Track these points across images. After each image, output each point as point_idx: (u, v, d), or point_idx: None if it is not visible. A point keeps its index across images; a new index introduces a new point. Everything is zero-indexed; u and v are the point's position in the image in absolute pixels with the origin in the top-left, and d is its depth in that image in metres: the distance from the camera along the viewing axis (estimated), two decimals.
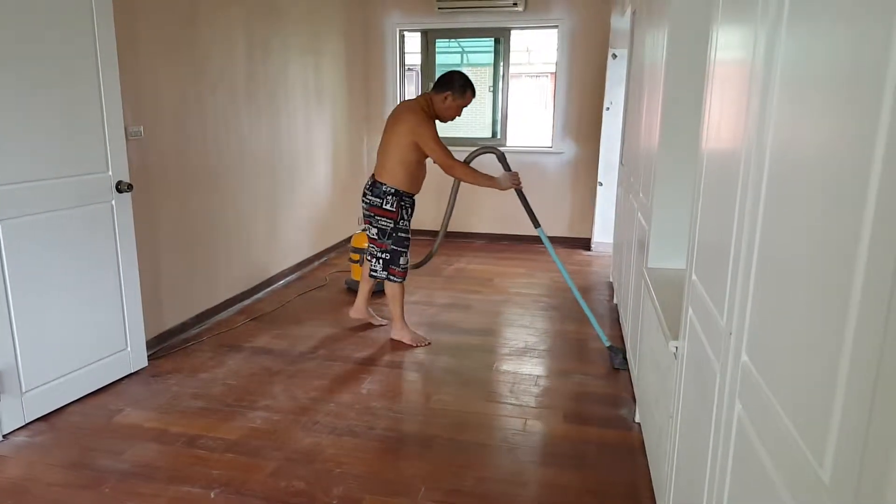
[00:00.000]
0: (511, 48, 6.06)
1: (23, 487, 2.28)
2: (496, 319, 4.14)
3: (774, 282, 1.00)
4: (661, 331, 1.99)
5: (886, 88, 0.65)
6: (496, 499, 2.25)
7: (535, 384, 3.16)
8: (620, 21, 5.18)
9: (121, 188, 2.99)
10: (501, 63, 6.10)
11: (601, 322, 3.85)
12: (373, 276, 3.66)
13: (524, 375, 3.26)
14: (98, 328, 2.98)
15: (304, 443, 2.59)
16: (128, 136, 3.08)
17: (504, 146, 6.13)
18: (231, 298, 4.19)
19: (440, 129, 3.42)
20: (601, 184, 5.74)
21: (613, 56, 5.38)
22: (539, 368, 3.37)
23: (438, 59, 6.30)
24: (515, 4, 5.63)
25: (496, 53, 6.16)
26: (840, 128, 0.79)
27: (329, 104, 5.54)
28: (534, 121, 10.44)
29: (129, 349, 3.15)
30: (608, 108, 5.53)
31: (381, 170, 3.45)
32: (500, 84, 6.14)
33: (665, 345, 1.93)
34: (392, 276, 3.56)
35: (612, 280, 4.72)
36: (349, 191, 5.95)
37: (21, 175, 2.57)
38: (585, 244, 6.00)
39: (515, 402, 2.97)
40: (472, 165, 3.47)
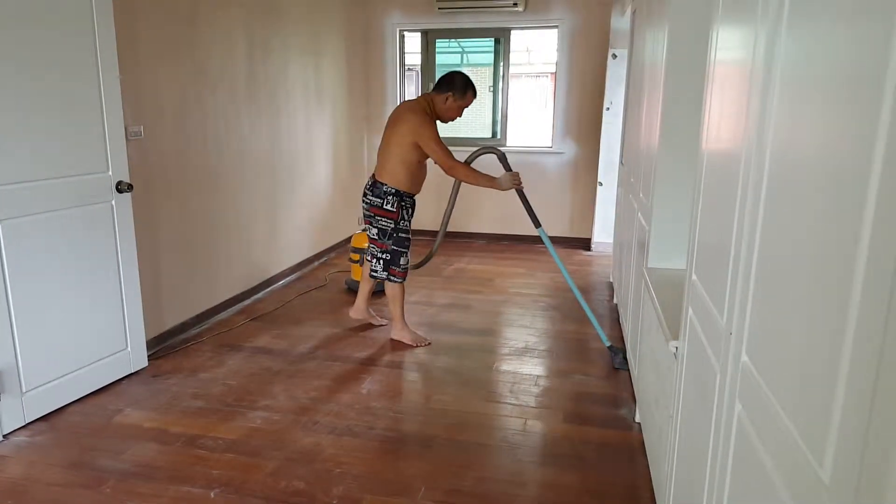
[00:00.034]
0: (511, 48, 6.06)
1: (23, 487, 2.28)
2: (496, 319, 4.14)
3: (774, 282, 1.00)
4: (662, 331, 1.99)
5: (886, 88, 0.65)
6: (496, 499, 2.25)
7: (535, 384, 3.16)
8: (620, 21, 5.19)
9: (121, 188, 2.99)
10: (501, 63, 6.10)
11: (601, 322, 3.85)
12: (373, 277, 3.67)
13: (524, 375, 3.26)
14: (98, 328, 2.98)
15: (304, 443, 2.59)
16: (128, 136, 3.08)
17: (504, 146, 6.13)
18: (231, 298, 4.19)
19: (440, 130, 3.43)
20: (601, 184, 5.74)
21: (613, 56, 5.38)
22: (539, 368, 3.37)
23: (438, 60, 6.30)
24: (515, 4, 5.63)
25: (496, 53, 6.16)
26: (840, 128, 0.79)
27: (329, 104, 5.54)
28: (534, 121, 10.43)
29: (130, 349, 3.15)
30: (608, 108, 5.53)
31: (382, 170, 3.45)
32: (500, 84, 6.14)
33: (665, 345, 1.93)
34: (392, 277, 3.56)
35: (613, 280, 4.72)
36: (349, 191, 5.95)
37: (21, 175, 2.57)
38: (585, 244, 6.01)
39: (515, 402, 2.97)
40: (473, 166, 3.47)
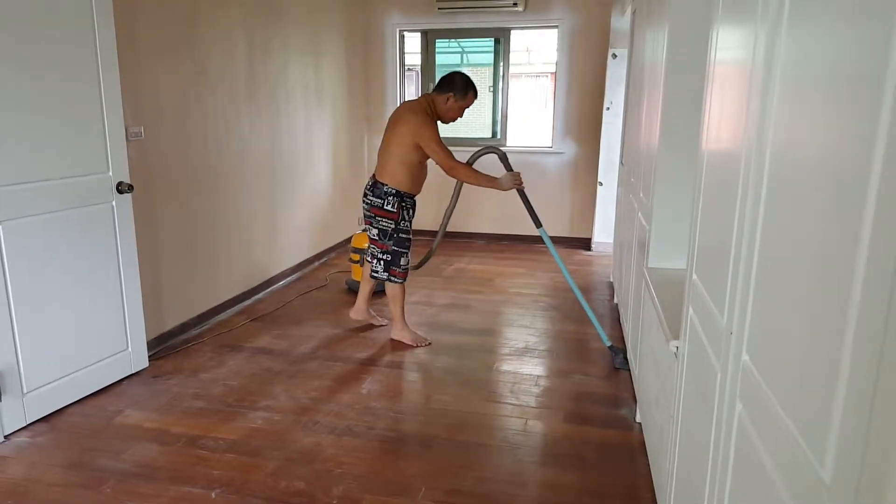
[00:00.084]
0: (511, 48, 6.06)
1: (24, 488, 2.29)
2: (496, 319, 4.14)
3: (775, 282, 1.00)
4: (662, 330, 1.99)
5: (886, 88, 0.65)
6: (496, 499, 2.25)
7: (536, 384, 3.16)
8: (620, 21, 5.19)
9: (121, 189, 2.99)
10: (501, 63, 6.10)
11: (602, 322, 3.85)
12: (374, 277, 3.67)
13: (524, 375, 3.26)
14: (99, 329, 2.98)
15: (305, 443, 2.59)
16: (128, 137, 3.08)
17: (504, 146, 6.13)
18: (231, 299, 4.19)
19: (441, 130, 3.43)
20: (601, 184, 5.74)
21: (613, 56, 5.38)
22: (539, 368, 3.37)
23: (438, 60, 6.30)
24: (515, 4, 5.63)
25: (496, 53, 6.16)
26: (840, 128, 0.79)
27: (329, 104, 5.54)
28: (534, 121, 10.43)
29: (130, 350, 3.15)
30: (608, 108, 5.53)
31: (383, 170, 3.45)
32: (500, 84, 6.14)
33: (666, 344, 1.93)
34: (393, 277, 3.56)
35: (613, 280, 4.72)
36: (349, 191, 5.95)
37: (21, 176, 2.57)
38: (586, 244, 6.01)
39: (516, 402, 2.97)
40: (474, 166, 3.47)
